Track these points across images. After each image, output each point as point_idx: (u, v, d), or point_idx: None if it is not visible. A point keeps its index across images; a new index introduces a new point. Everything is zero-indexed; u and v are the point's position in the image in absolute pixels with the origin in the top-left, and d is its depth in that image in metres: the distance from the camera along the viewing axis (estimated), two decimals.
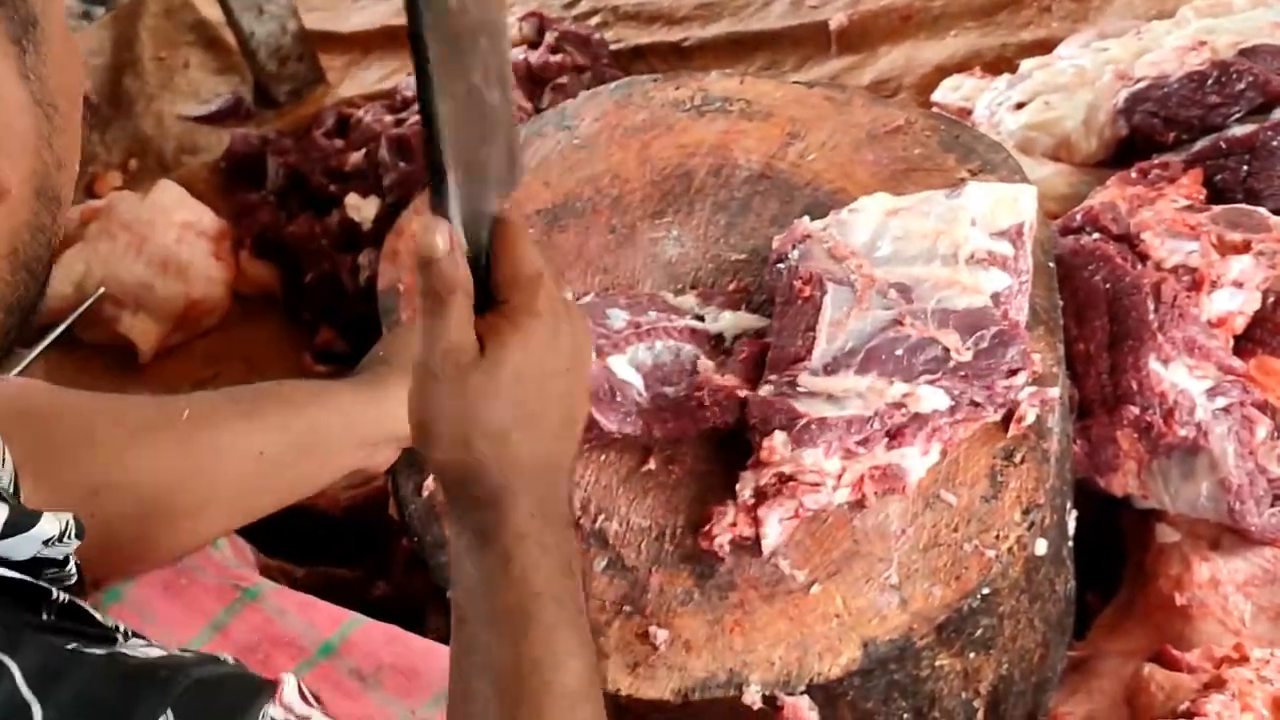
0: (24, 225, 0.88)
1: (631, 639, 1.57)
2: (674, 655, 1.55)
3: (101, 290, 2.59)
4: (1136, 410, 1.80)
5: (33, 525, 0.87)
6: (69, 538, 0.91)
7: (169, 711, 0.75)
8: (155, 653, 0.83)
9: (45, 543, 0.89)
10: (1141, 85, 2.23)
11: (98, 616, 0.88)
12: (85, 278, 2.61)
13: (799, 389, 1.60)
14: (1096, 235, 1.93)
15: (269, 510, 1.55)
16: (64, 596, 0.87)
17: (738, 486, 1.60)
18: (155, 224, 2.68)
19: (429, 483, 1.74)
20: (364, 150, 2.71)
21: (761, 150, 1.94)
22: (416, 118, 2.70)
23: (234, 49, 3.21)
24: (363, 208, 2.61)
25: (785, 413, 1.59)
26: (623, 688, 1.54)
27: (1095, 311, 1.85)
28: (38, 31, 0.86)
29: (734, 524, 1.59)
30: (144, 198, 2.74)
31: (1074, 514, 1.75)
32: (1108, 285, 1.86)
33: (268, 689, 0.81)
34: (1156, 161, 2.12)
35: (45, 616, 0.86)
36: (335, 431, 1.58)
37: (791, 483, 1.57)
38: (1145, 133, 2.21)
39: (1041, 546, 1.59)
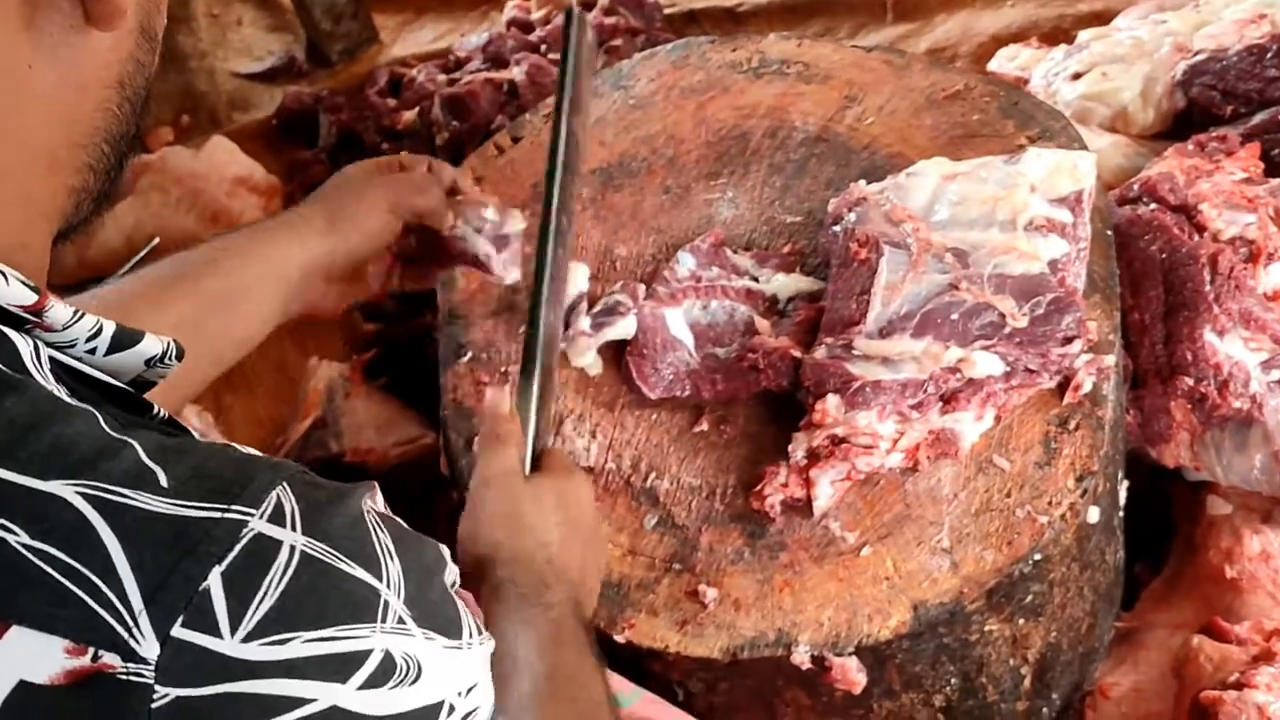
0: (130, 57, 0.91)
1: (681, 597, 1.58)
2: (723, 614, 1.55)
3: (156, 241, 2.60)
4: (1190, 381, 1.79)
5: (137, 342, 0.90)
6: (170, 359, 0.94)
7: (284, 484, 0.78)
8: None
9: (147, 363, 0.92)
10: (1200, 58, 2.22)
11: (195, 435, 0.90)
12: (136, 231, 2.62)
13: (853, 352, 1.60)
14: (1154, 206, 1.92)
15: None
16: (164, 413, 0.90)
17: (790, 448, 1.59)
18: (207, 178, 2.69)
19: (479, 438, 1.74)
20: (417, 109, 2.71)
21: (819, 113, 1.93)
22: (469, 77, 2.71)
23: (288, 7, 3.22)
24: None
25: (839, 375, 1.59)
26: (671, 645, 1.54)
27: (1151, 281, 1.84)
28: None
29: (786, 485, 1.58)
30: (196, 153, 2.75)
31: (1125, 484, 1.75)
32: (1164, 256, 1.85)
33: (365, 486, 0.85)
34: (1214, 134, 2.11)
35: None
36: (256, 280, 1.56)
37: (844, 445, 1.57)
38: (1203, 105, 2.19)
39: (1094, 514, 1.58)
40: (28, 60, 0.84)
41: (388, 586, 0.78)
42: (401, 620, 0.78)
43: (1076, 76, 2.37)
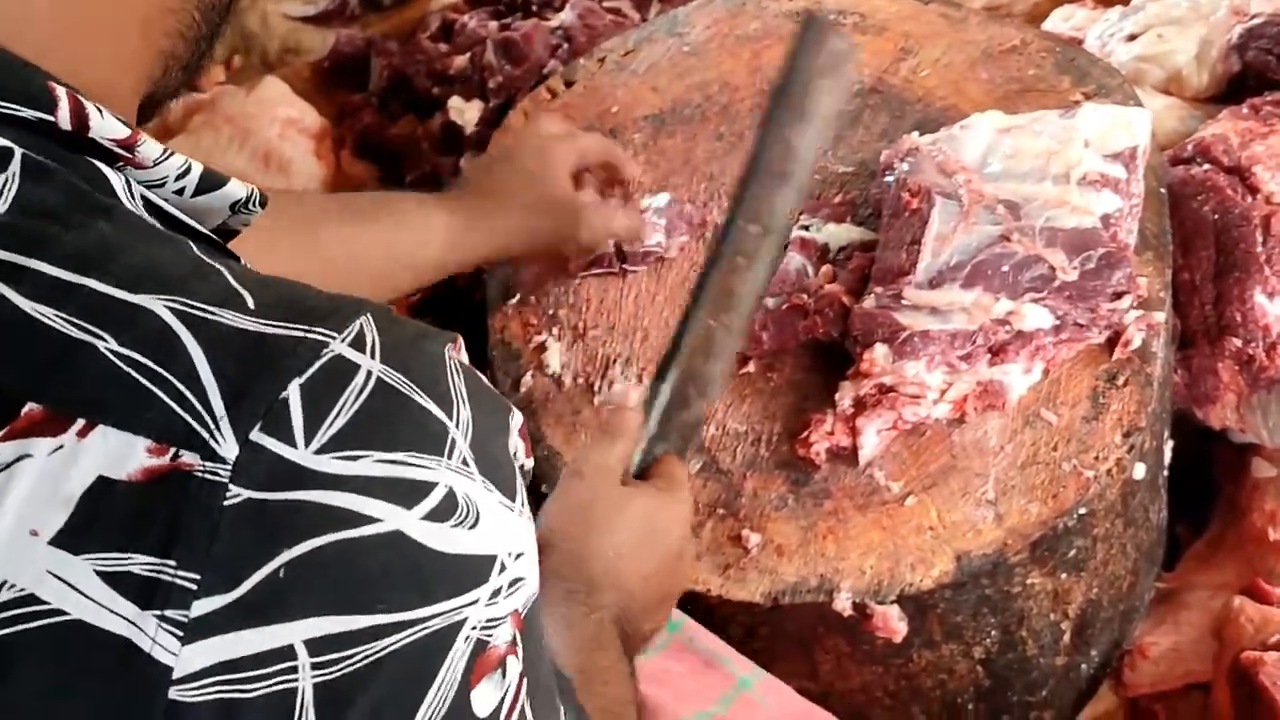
0: None
1: (724, 541, 1.58)
2: (765, 559, 1.56)
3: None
4: (1239, 342, 1.78)
5: (223, 184, 0.91)
6: (254, 205, 0.95)
7: (368, 315, 0.78)
8: None
9: (232, 208, 0.93)
10: (1257, 21, 2.20)
11: None
12: None
13: (903, 302, 1.60)
14: (1207, 166, 1.91)
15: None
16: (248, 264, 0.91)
17: (837, 396, 1.60)
18: (259, 119, 2.69)
19: (526, 380, 1.75)
20: (469, 54, 2.71)
21: (874, 64, 1.93)
22: (521, 23, 2.71)
23: None
24: (466, 111, 2.60)
25: (888, 325, 1.59)
26: (713, 588, 1.55)
27: (1203, 242, 1.83)
28: None
29: (831, 433, 1.59)
30: (248, 93, 2.75)
31: (1170, 444, 1.74)
32: (1216, 216, 1.84)
33: (448, 334, 0.85)
34: (1269, 98, 2.09)
35: None
36: (431, 246, 1.67)
37: (891, 394, 1.57)
38: (1258, 69, 2.18)
39: (1140, 471, 1.58)
40: None
41: (457, 426, 0.78)
42: (466, 462, 0.78)
43: (1132, 38, 2.36)
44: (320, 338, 0.76)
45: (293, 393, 0.74)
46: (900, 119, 1.86)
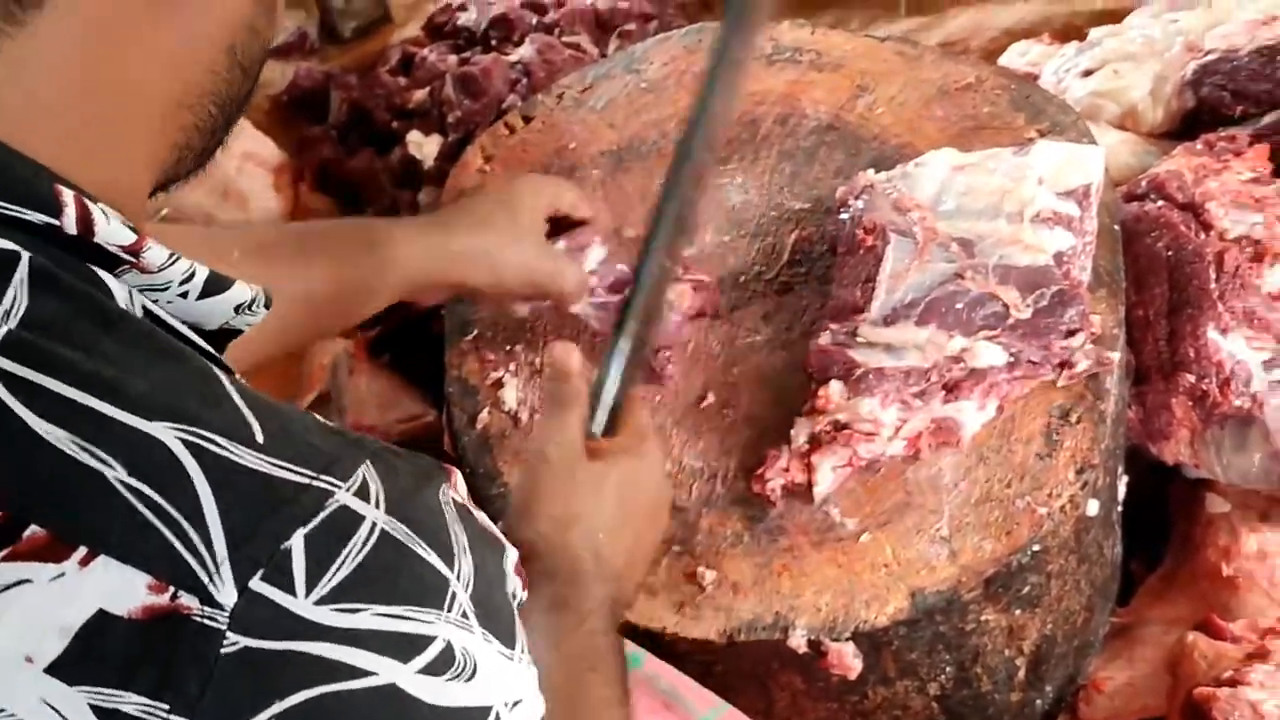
0: (244, 24, 0.92)
1: (679, 578, 1.58)
2: (721, 596, 1.56)
3: (164, 212, 2.60)
4: (1192, 378, 1.79)
5: (228, 288, 0.92)
6: (257, 307, 0.95)
7: (368, 462, 0.79)
8: None
9: (236, 309, 0.93)
10: (1211, 58, 2.22)
11: None
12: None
13: (858, 339, 1.60)
14: (1161, 203, 1.92)
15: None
16: (243, 380, 0.91)
17: (792, 432, 1.60)
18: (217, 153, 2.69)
19: (483, 416, 1.75)
20: (428, 88, 2.72)
21: (830, 101, 1.94)
22: (481, 58, 2.71)
23: None
24: (425, 145, 2.61)
25: (843, 362, 1.59)
26: (668, 626, 1.55)
27: (1156, 278, 1.85)
28: None
29: (787, 469, 1.59)
30: None
31: (1125, 479, 1.75)
32: (1170, 253, 1.85)
33: (444, 472, 0.86)
34: (1223, 134, 2.11)
35: None
36: (389, 268, 1.63)
37: (846, 431, 1.57)
38: (1213, 105, 2.20)
39: (1093, 507, 1.58)
40: (153, 18, 0.86)
41: (457, 578, 0.79)
42: (465, 615, 0.79)
43: (1087, 73, 2.38)
44: (327, 486, 0.77)
45: (296, 542, 0.74)
46: (856, 156, 1.87)
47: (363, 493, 0.77)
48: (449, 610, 0.78)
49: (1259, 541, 1.82)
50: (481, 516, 0.88)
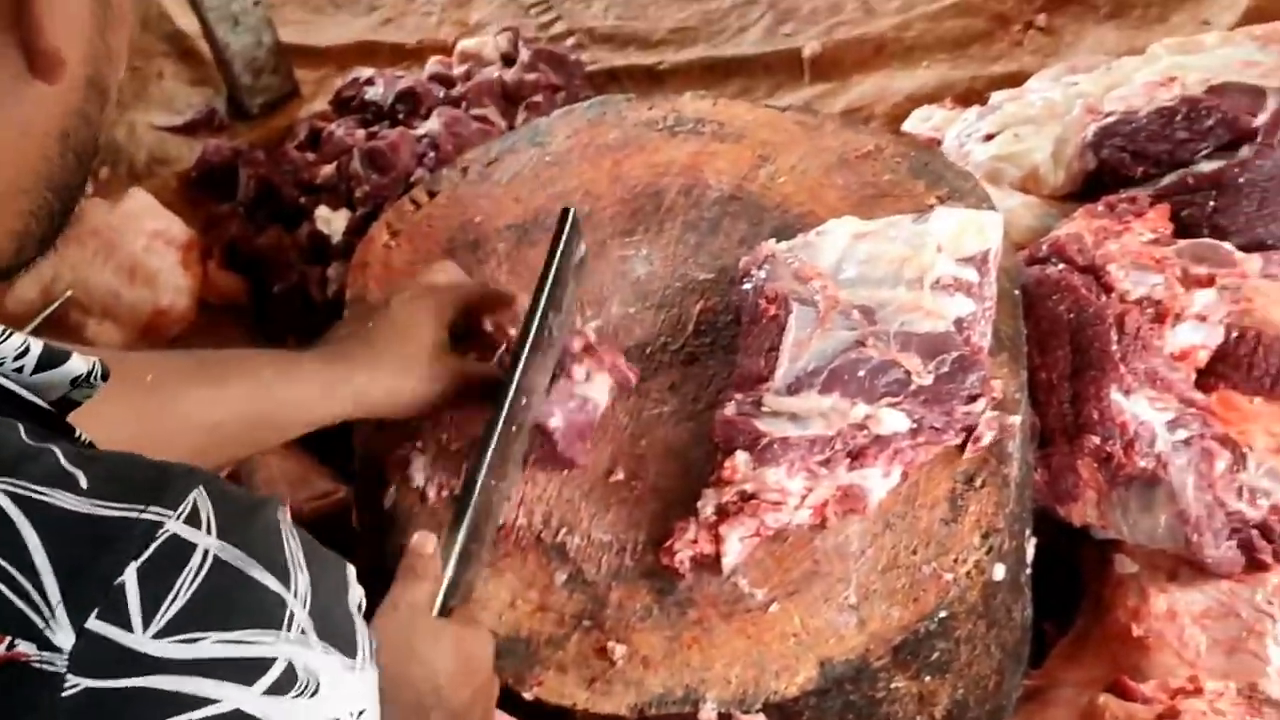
0: (75, 110, 0.91)
1: (589, 653, 1.57)
2: (631, 670, 1.55)
3: (68, 293, 2.58)
4: (1097, 440, 1.81)
5: (63, 361, 0.91)
6: (95, 379, 0.94)
7: (200, 488, 0.79)
8: None
9: (73, 383, 0.92)
10: (1111, 120, 2.25)
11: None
12: (53, 283, 2.61)
13: (762, 408, 1.61)
14: (1062, 266, 1.94)
15: (222, 465, 1.60)
16: (86, 437, 0.91)
17: (699, 504, 1.60)
18: (124, 231, 2.68)
19: (391, 495, 1.74)
20: (335, 163, 2.71)
21: (732, 172, 1.95)
22: (388, 132, 2.71)
23: (209, 60, 3.21)
24: (333, 220, 2.60)
25: (748, 432, 1.60)
26: (579, 702, 1.54)
27: (1058, 341, 1.86)
28: None
29: (695, 541, 1.59)
30: (114, 205, 2.73)
31: (1033, 542, 1.76)
32: (1071, 315, 1.87)
33: (276, 499, 0.86)
34: (1124, 195, 2.13)
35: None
36: (295, 406, 1.62)
37: (753, 501, 1.57)
38: (1113, 167, 2.22)
39: (1000, 572, 1.59)
40: None
41: (294, 597, 0.79)
42: (304, 632, 0.78)
43: (989, 137, 2.40)
44: (155, 517, 0.76)
45: (129, 577, 0.74)
46: (759, 225, 1.88)
47: (194, 519, 0.77)
48: (287, 629, 0.78)
49: (1168, 601, 1.83)
50: (313, 540, 0.88)
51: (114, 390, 1.03)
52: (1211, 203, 2.08)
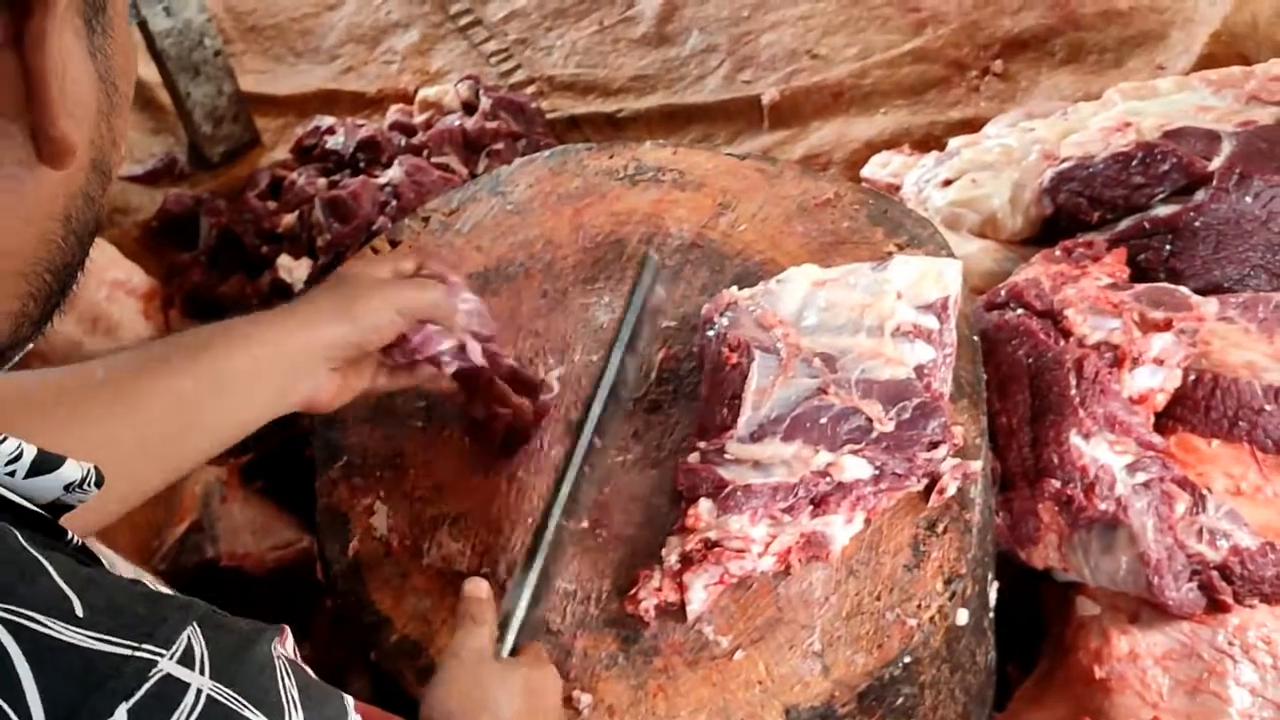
0: (79, 192, 0.91)
1: None
2: (597, 719, 1.55)
3: (30, 345, 2.58)
4: (1057, 484, 1.82)
5: (57, 467, 0.90)
6: (89, 485, 0.94)
7: (194, 625, 0.79)
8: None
9: (66, 488, 0.92)
10: (1067, 165, 2.27)
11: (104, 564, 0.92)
12: None
13: (725, 456, 1.62)
14: (1020, 311, 1.96)
15: (203, 456, 1.54)
16: (78, 540, 0.91)
17: (664, 552, 1.60)
18: (85, 281, 2.63)
19: (354, 544, 1.74)
20: (297, 212, 2.72)
21: (693, 220, 1.96)
22: (350, 181, 2.72)
23: (169, 109, 3.22)
24: (295, 269, 2.61)
25: (711, 480, 1.60)
26: None
27: (1018, 385, 1.88)
28: (105, 15, 0.90)
29: (659, 589, 1.59)
30: None
31: (995, 585, 1.77)
32: (1030, 360, 1.89)
33: (274, 630, 0.86)
34: (1081, 240, 2.15)
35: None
36: (259, 361, 1.54)
37: (717, 549, 1.58)
38: (1070, 211, 2.24)
39: (963, 616, 1.60)
40: None
41: None
42: None
43: (947, 183, 2.42)
44: (149, 656, 0.76)
45: (120, 718, 0.73)
46: (720, 273, 1.89)
47: (187, 659, 0.77)
48: None
49: (1129, 643, 1.84)
50: (311, 673, 0.88)
51: (72, 396, 1.02)
52: (1168, 247, 2.10)
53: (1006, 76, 2.97)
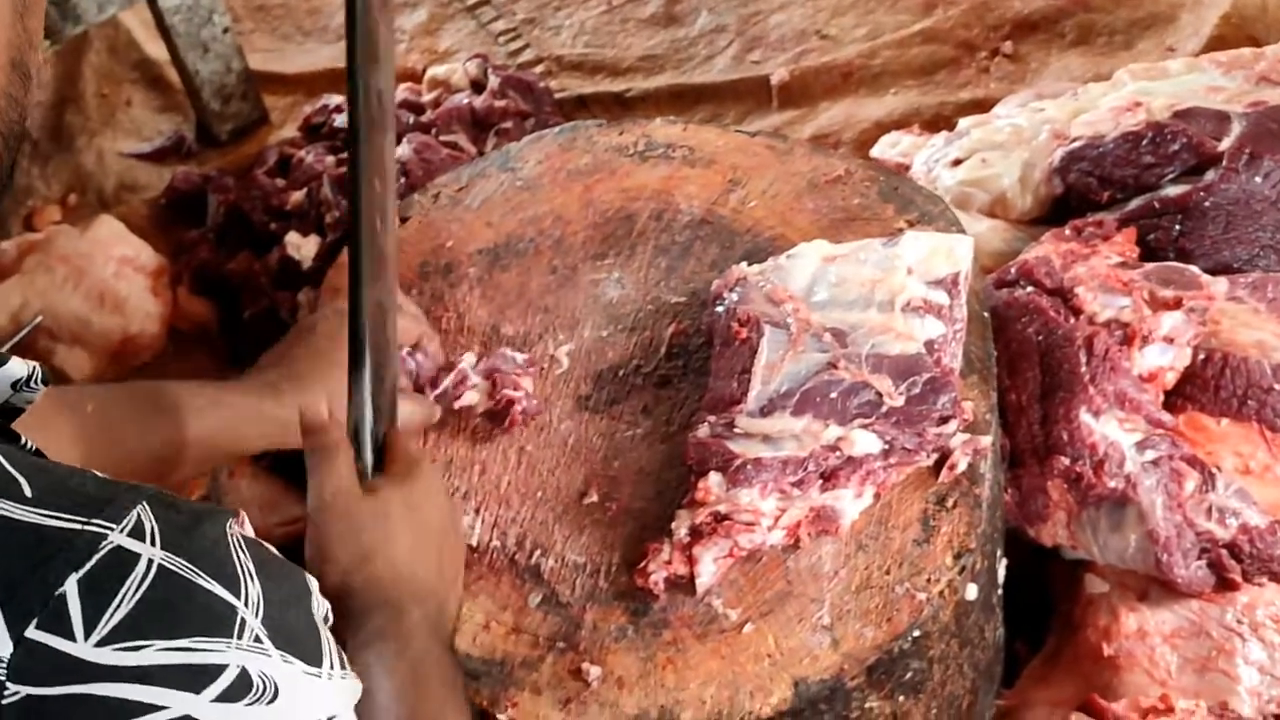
0: (1, 93, 0.92)
1: (564, 675, 1.57)
2: (606, 692, 1.55)
3: (38, 319, 2.58)
4: (1067, 461, 1.82)
5: (2, 365, 0.93)
6: (35, 383, 0.96)
7: (144, 503, 0.80)
8: None
9: (14, 386, 0.95)
10: (1077, 144, 2.26)
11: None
12: (22, 310, 2.61)
13: (735, 430, 1.62)
14: (1030, 289, 1.95)
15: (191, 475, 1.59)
16: (32, 445, 0.93)
17: (673, 525, 1.60)
18: (93, 258, 2.68)
19: None
20: (305, 189, 2.71)
21: (703, 196, 1.96)
22: None
23: (178, 87, 3.22)
24: (303, 246, 2.61)
25: (721, 453, 1.60)
26: None
27: (1028, 363, 1.88)
28: None
29: (669, 562, 1.59)
30: (83, 232, 2.74)
31: (1004, 562, 1.77)
32: (1040, 337, 1.88)
33: (227, 511, 0.87)
34: (1091, 219, 2.15)
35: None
36: (228, 435, 1.61)
37: (726, 522, 1.58)
38: (1080, 191, 2.24)
39: (972, 592, 1.60)
40: None
41: (245, 605, 0.80)
42: (259, 639, 0.79)
43: (957, 163, 2.42)
44: (98, 529, 0.77)
45: (70, 588, 0.74)
46: (730, 249, 1.89)
47: (138, 532, 0.78)
48: (239, 637, 0.78)
49: (1138, 620, 1.84)
50: (271, 549, 0.88)
51: (58, 415, 1.03)
52: (1178, 226, 2.10)
53: (1016, 58, 2.97)
